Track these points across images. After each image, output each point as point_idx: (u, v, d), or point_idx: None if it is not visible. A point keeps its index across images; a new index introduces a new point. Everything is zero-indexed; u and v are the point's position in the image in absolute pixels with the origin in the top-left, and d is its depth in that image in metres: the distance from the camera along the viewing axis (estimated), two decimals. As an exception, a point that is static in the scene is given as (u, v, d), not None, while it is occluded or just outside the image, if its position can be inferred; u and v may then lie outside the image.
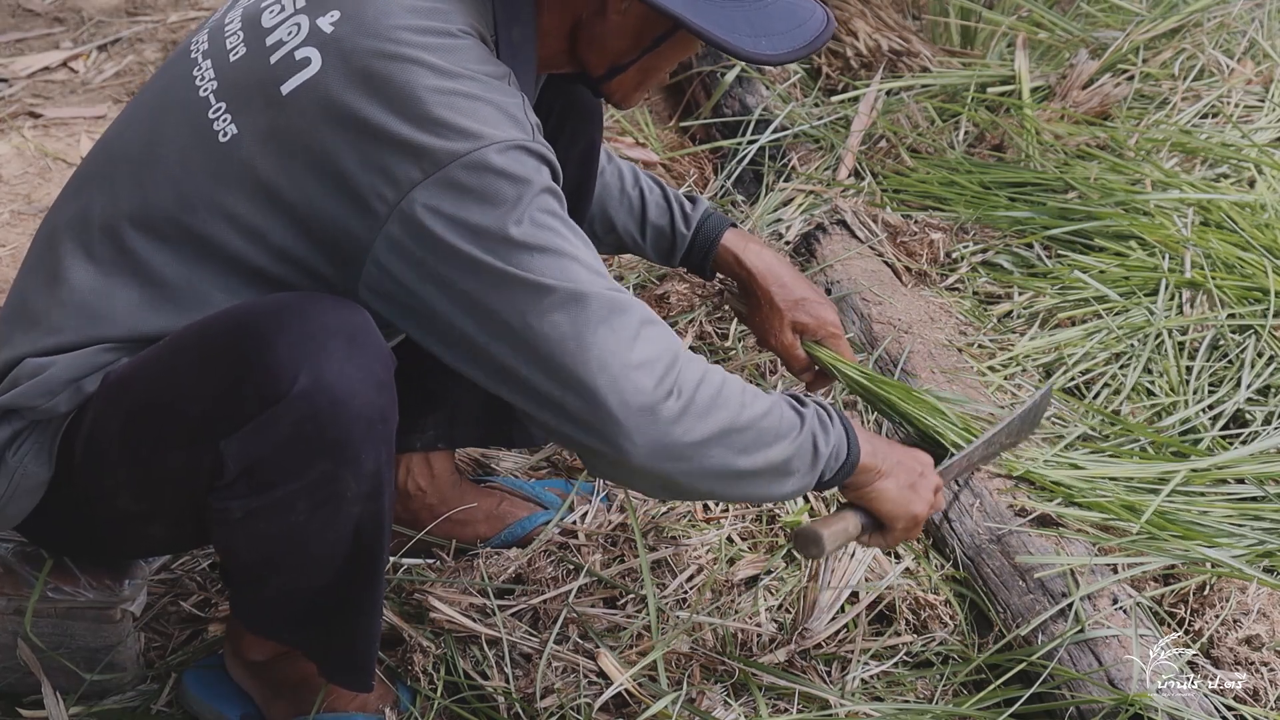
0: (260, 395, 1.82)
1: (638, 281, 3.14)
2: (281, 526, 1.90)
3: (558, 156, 1.98)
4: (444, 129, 1.82)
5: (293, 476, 1.86)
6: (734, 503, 2.54)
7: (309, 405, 1.81)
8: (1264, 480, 2.59)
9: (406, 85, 1.83)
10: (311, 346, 1.82)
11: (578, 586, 2.39)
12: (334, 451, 1.85)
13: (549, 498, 2.60)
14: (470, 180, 1.81)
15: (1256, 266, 3.04)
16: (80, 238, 1.98)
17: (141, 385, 1.92)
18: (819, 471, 2.00)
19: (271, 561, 1.95)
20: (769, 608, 2.38)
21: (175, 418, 1.88)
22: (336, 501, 1.89)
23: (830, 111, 3.65)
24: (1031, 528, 2.43)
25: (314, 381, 1.81)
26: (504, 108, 1.86)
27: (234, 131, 1.91)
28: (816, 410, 2.02)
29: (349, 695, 2.20)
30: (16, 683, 2.28)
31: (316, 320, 1.84)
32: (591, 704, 2.21)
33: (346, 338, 1.84)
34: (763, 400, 1.96)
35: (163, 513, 2.00)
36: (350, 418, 1.83)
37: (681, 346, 1.90)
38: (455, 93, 1.84)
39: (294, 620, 2.04)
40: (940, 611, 2.40)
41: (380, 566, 2.00)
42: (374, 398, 1.86)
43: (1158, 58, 3.69)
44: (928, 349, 2.84)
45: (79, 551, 2.22)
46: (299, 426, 1.82)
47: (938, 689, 2.29)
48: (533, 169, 1.85)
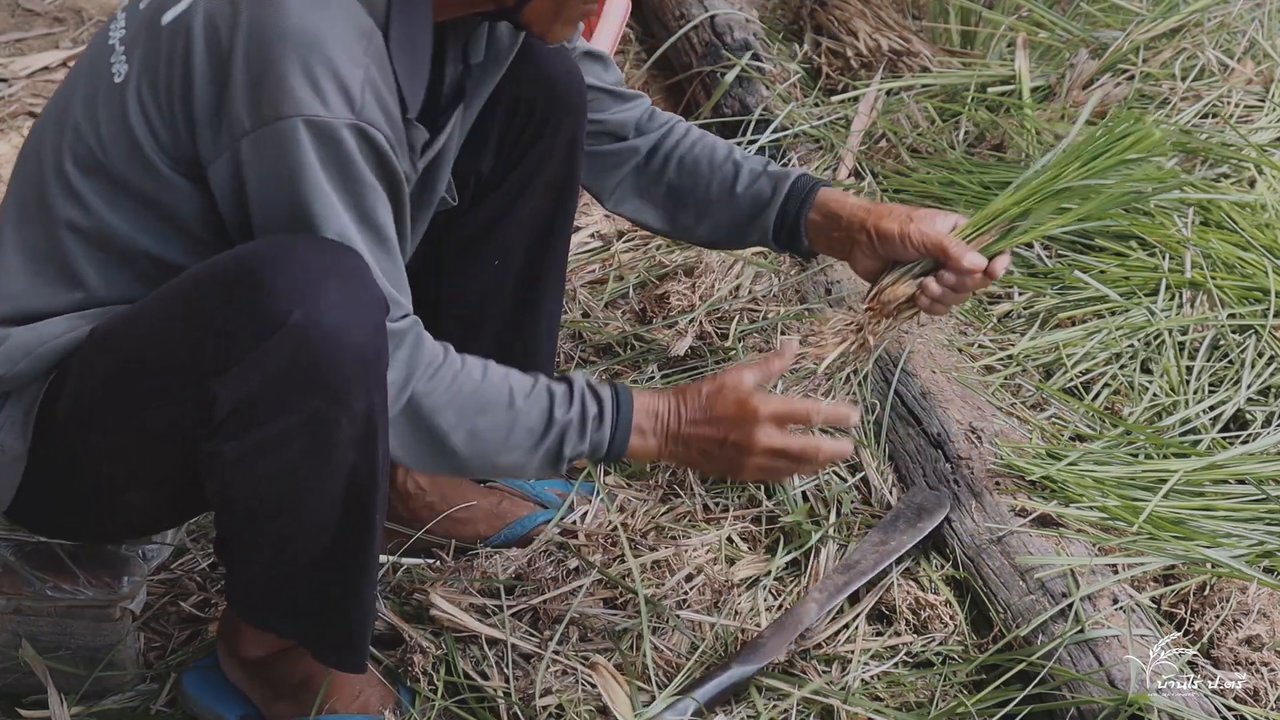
0: (253, 331, 1.82)
1: (638, 280, 3.14)
2: (275, 466, 1.89)
3: (540, 150, 2.07)
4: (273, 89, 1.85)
5: (285, 411, 1.85)
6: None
7: (303, 337, 1.82)
8: (1264, 480, 2.59)
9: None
10: (307, 284, 1.83)
11: (578, 587, 2.38)
12: (327, 386, 1.84)
13: (549, 497, 2.59)
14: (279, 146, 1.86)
15: (1256, 266, 3.04)
16: (14, 204, 2.04)
17: (129, 336, 1.93)
18: (562, 465, 2.05)
19: (266, 509, 1.94)
20: (769, 608, 2.38)
21: (165, 363, 1.89)
22: (330, 442, 1.88)
23: (830, 111, 3.65)
24: (1031, 528, 2.43)
25: (308, 315, 1.82)
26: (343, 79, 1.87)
27: (124, 69, 1.95)
28: (582, 411, 2.04)
29: (350, 696, 2.19)
30: (16, 682, 2.28)
31: (313, 260, 1.85)
32: (591, 705, 2.21)
33: (342, 277, 1.85)
34: (503, 412, 2.01)
35: (151, 474, 1.99)
36: (344, 352, 1.84)
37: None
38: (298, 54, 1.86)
39: (289, 596, 2.02)
40: (940, 611, 2.40)
41: (374, 531, 1.98)
42: (369, 336, 1.86)
43: (1158, 58, 3.68)
44: (928, 349, 2.84)
45: (67, 531, 2.21)
46: (292, 359, 1.82)
47: (938, 689, 2.29)
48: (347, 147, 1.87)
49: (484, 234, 2.38)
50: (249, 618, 2.12)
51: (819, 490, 2.59)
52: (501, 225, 2.38)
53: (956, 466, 2.56)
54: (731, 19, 3.87)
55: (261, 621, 2.11)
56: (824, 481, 2.59)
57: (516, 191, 2.37)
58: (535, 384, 2.04)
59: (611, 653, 2.29)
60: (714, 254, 3.12)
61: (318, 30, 1.85)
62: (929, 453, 2.61)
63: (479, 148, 2.33)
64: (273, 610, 2.07)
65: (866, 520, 2.54)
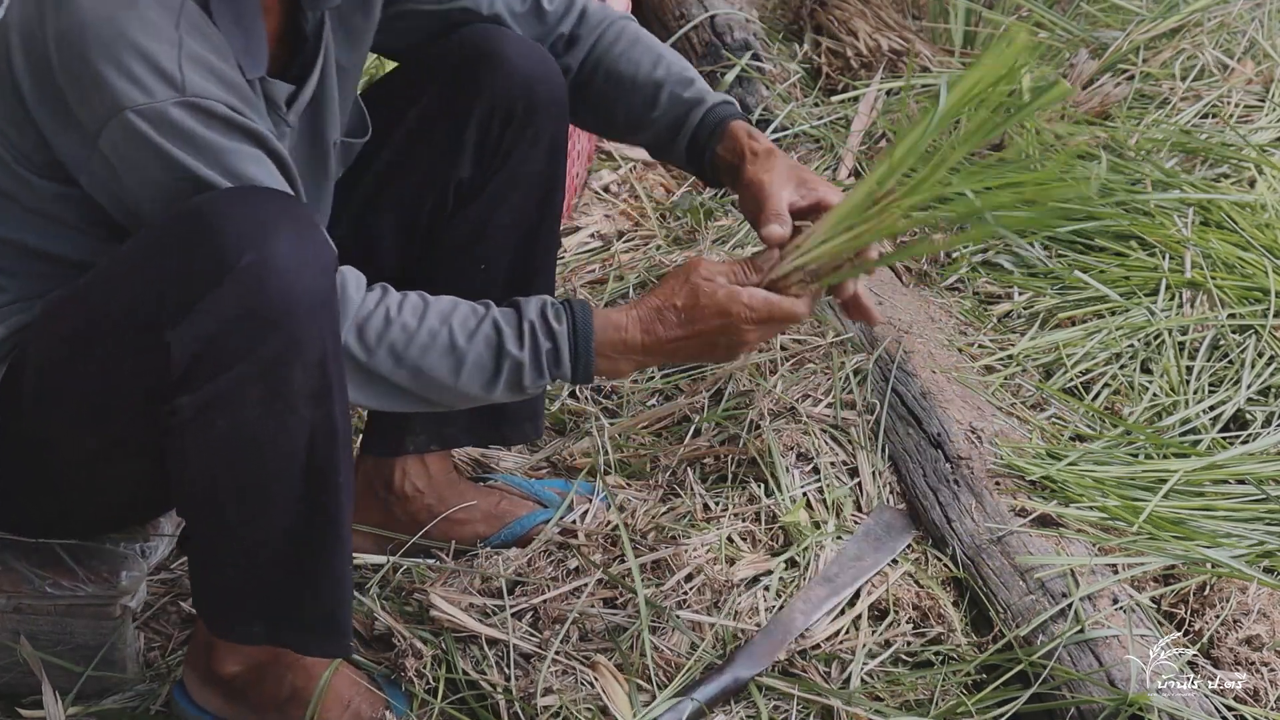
0: (206, 276, 1.82)
1: (638, 280, 3.15)
2: (234, 423, 1.88)
3: (520, 155, 2.13)
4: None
5: (240, 358, 1.85)
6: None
7: (254, 279, 1.82)
8: (1264, 480, 2.59)
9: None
10: (257, 228, 1.83)
11: (578, 587, 2.38)
12: (281, 329, 1.84)
13: (549, 496, 2.59)
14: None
15: (1256, 266, 3.04)
16: None
17: (83, 301, 1.93)
18: (532, 391, 2.02)
19: (227, 477, 1.92)
20: (769, 608, 2.38)
21: (121, 320, 1.89)
22: (286, 397, 1.87)
23: (830, 111, 3.65)
24: (1031, 528, 2.43)
25: (259, 257, 1.82)
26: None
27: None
28: (535, 348, 1.99)
29: (340, 705, 2.19)
30: (16, 682, 2.28)
31: (263, 205, 1.85)
32: (591, 705, 2.21)
33: (293, 221, 1.86)
34: (448, 363, 1.98)
35: (126, 443, 1.98)
36: (297, 293, 1.83)
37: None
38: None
39: (260, 584, 2.00)
40: (940, 611, 2.40)
41: (341, 499, 1.97)
42: (320, 279, 1.86)
43: (1158, 58, 3.68)
44: (928, 349, 2.84)
45: (53, 528, 2.21)
46: (245, 301, 1.82)
47: (938, 689, 2.29)
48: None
49: (469, 241, 2.37)
50: (220, 625, 2.08)
51: (819, 492, 2.59)
52: (487, 231, 2.36)
53: (956, 466, 2.56)
54: (731, 19, 3.87)
55: (234, 626, 2.07)
56: (825, 484, 2.59)
57: (499, 198, 2.35)
58: (481, 321, 1.99)
59: (611, 653, 2.29)
60: (714, 254, 3.12)
61: (117, 19, 1.84)
62: (929, 453, 2.61)
63: (455, 154, 2.33)
64: (245, 606, 2.03)
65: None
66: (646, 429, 2.80)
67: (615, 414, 2.85)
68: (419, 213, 2.36)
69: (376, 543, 2.50)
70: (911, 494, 2.60)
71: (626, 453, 2.74)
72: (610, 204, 3.46)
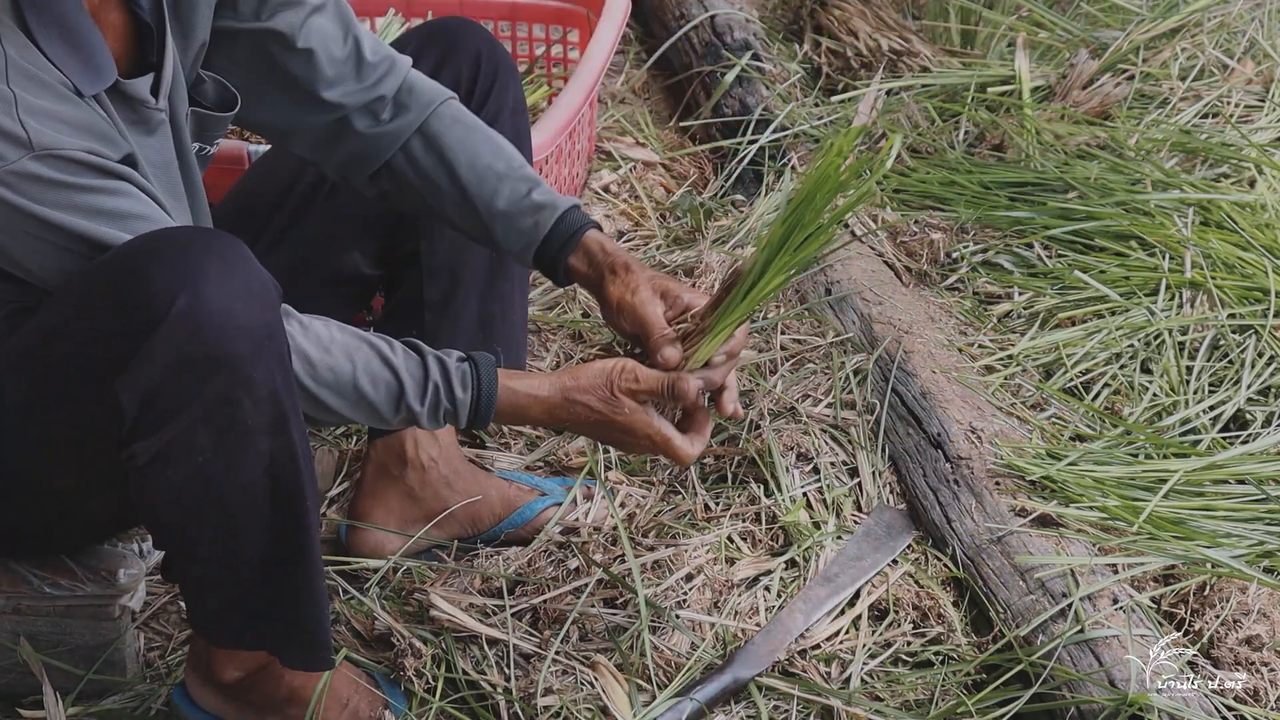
0: (141, 323, 1.81)
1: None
2: (188, 469, 1.87)
3: (492, 109, 2.24)
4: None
5: (186, 402, 1.83)
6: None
7: (190, 323, 1.80)
8: (1264, 480, 2.59)
9: None
10: (185, 269, 1.81)
11: (578, 587, 2.38)
12: (223, 369, 1.83)
13: (550, 488, 2.60)
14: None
15: (1256, 266, 3.04)
16: None
17: (35, 349, 1.92)
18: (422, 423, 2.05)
19: (191, 517, 1.92)
20: (769, 608, 2.38)
21: (70, 371, 1.88)
22: (239, 434, 1.87)
23: (830, 111, 3.65)
24: (1031, 528, 2.43)
25: (191, 300, 1.80)
26: None
27: None
28: (432, 404, 2.03)
29: (339, 704, 2.19)
30: (16, 682, 2.28)
31: (188, 246, 1.83)
32: (592, 705, 2.21)
33: (220, 257, 1.83)
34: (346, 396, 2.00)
35: (93, 483, 1.99)
36: (234, 331, 1.82)
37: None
38: None
39: (241, 603, 2.01)
40: (940, 611, 2.40)
41: (308, 521, 1.97)
42: (257, 312, 1.84)
43: (1158, 58, 3.68)
44: (928, 349, 2.84)
45: (47, 550, 2.22)
46: (182, 347, 1.81)
47: (938, 689, 2.29)
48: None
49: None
50: (212, 637, 2.10)
51: (820, 492, 2.59)
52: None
53: (956, 466, 2.56)
54: (731, 19, 3.87)
55: (225, 638, 2.09)
56: (825, 484, 2.59)
57: None
58: (385, 368, 2.01)
59: (611, 653, 2.29)
60: (714, 254, 3.12)
61: None
62: (929, 453, 2.61)
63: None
64: (231, 623, 2.05)
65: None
66: (646, 429, 2.80)
67: (615, 414, 2.85)
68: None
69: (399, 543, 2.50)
70: (911, 494, 2.60)
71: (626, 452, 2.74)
72: (610, 204, 3.45)
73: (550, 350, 2.99)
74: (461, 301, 2.44)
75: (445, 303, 2.44)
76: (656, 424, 2.10)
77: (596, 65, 3.14)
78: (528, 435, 2.80)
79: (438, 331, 2.43)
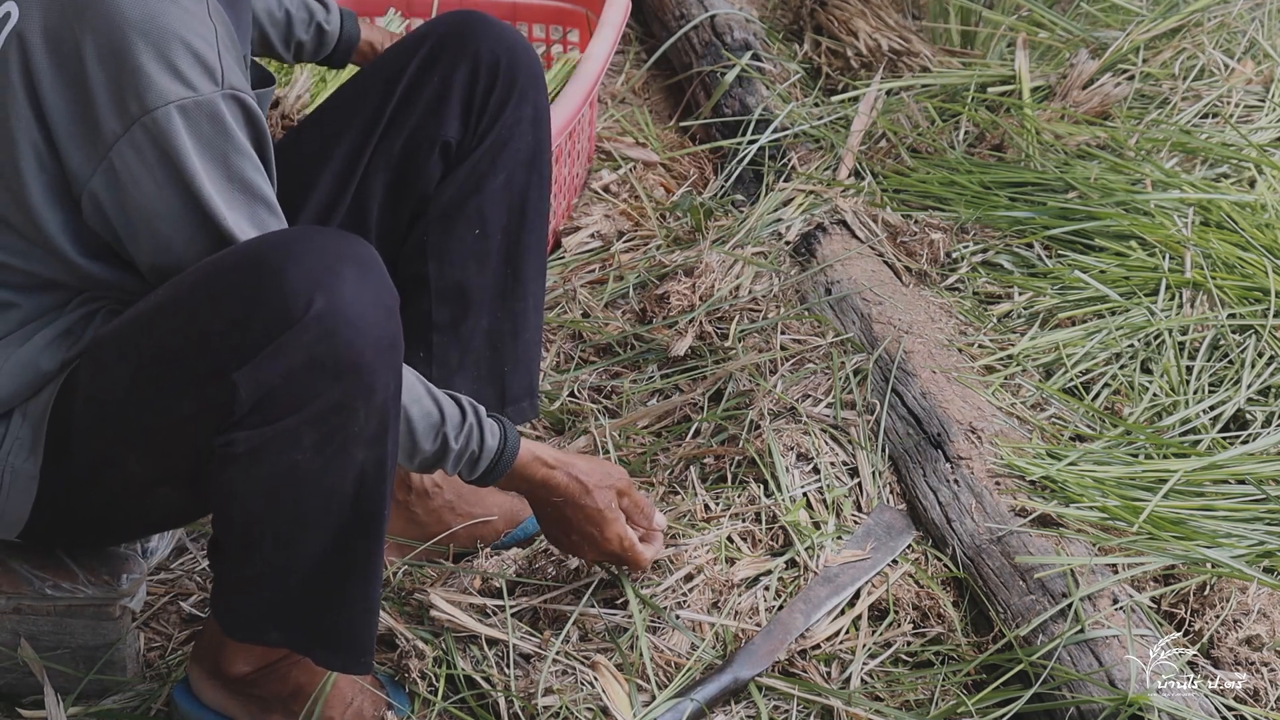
0: (273, 322, 1.82)
1: (638, 280, 3.15)
2: (282, 465, 1.87)
3: (509, 118, 2.28)
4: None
5: (305, 403, 1.84)
6: None
7: (323, 327, 1.81)
8: (1264, 480, 2.59)
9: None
10: (323, 272, 1.82)
11: (578, 587, 2.38)
12: (347, 376, 1.84)
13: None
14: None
15: (1256, 266, 3.04)
16: None
17: (144, 335, 1.92)
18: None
19: (268, 512, 1.92)
20: (769, 608, 2.38)
21: (187, 358, 1.87)
22: (343, 439, 1.87)
23: (830, 111, 3.65)
24: (1031, 528, 2.43)
25: (328, 304, 1.81)
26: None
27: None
28: (466, 441, 2.09)
29: (343, 703, 2.18)
30: (16, 682, 2.28)
31: (327, 248, 1.85)
32: (592, 705, 2.21)
33: (357, 264, 1.85)
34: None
35: (174, 470, 1.98)
36: (366, 339, 1.83)
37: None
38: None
39: (286, 600, 2.00)
40: (940, 611, 2.40)
41: (381, 530, 1.97)
42: (385, 321, 1.86)
43: (1158, 58, 3.69)
44: (928, 349, 2.84)
45: (80, 541, 2.20)
46: (313, 349, 1.82)
47: (937, 689, 2.29)
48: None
49: (460, 205, 2.39)
50: (239, 629, 2.06)
51: (820, 492, 2.59)
52: (476, 197, 2.38)
53: (956, 466, 2.56)
54: (731, 19, 3.87)
55: (253, 632, 2.06)
56: (825, 484, 2.59)
57: (489, 162, 2.38)
58: (430, 396, 2.06)
59: (611, 653, 2.29)
60: (714, 254, 3.12)
61: (160, 10, 1.83)
62: (929, 453, 2.61)
63: (442, 113, 2.35)
64: (266, 617, 2.03)
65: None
66: (646, 428, 2.80)
67: (615, 413, 2.85)
68: (409, 173, 2.37)
69: (401, 552, 2.50)
70: (911, 494, 2.60)
71: (626, 451, 2.74)
72: (610, 204, 3.46)
73: (550, 350, 3.00)
74: (472, 323, 2.43)
75: (454, 325, 2.43)
76: (626, 528, 2.28)
77: (596, 65, 3.14)
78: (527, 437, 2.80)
79: (446, 354, 2.43)
